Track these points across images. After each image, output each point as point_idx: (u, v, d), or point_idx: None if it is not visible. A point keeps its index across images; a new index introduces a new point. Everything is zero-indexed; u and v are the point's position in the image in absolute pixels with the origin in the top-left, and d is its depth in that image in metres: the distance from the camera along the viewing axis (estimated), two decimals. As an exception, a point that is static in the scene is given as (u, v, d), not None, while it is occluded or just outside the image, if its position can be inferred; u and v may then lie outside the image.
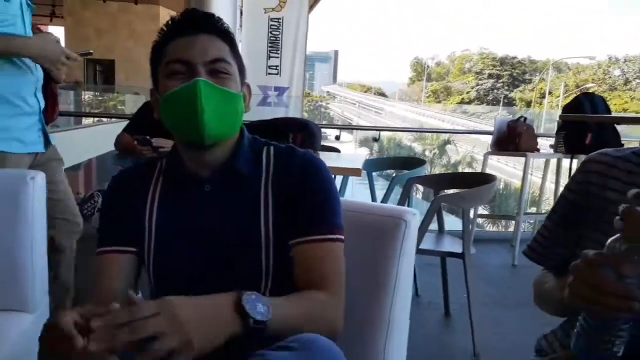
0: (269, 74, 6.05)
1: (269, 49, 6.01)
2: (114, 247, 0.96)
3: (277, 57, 6.06)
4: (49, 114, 1.89)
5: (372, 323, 1.07)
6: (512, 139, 3.69)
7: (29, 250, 1.36)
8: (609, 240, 0.66)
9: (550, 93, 47.45)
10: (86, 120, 8.38)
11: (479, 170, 5.00)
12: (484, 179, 2.23)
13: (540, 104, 45.81)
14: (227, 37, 0.93)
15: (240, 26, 5.85)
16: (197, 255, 0.92)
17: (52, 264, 1.62)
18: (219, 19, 0.94)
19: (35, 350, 0.75)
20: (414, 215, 1.10)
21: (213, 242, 0.91)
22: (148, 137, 2.43)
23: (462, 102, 53.42)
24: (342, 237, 0.93)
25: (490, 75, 55.23)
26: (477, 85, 55.31)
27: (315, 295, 0.86)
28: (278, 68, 6.09)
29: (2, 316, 1.32)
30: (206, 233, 0.92)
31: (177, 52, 0.89)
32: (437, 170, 12.39)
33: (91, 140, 7.50)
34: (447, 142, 13.46)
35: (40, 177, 1.40)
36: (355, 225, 1.10)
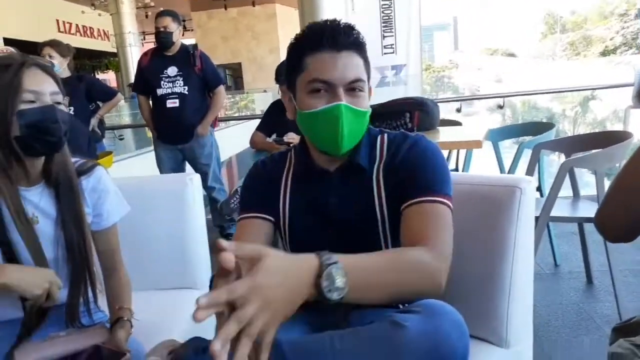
0: (385, 53, 6.08)
1: (383, 28, 6.03)
2: (256, 214, 1.07)
3: (392, 36, 6.05)
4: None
5: (493, 291, 1.12)
6: (659, 89, 3.33)
7: (196, 237, 1.63)
8: None
9: None
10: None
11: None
12: (618, 137, 2.08)
13: None
14: (362, 50, 0.99)
15: (353, 9, 5.96)
16: (323, 233, 1.03)
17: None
18: (357, 32, 0.98)
19: (212, 323, 0.81)
20: (529, 182, 1.13)
21: (336, 223, 1.03)
22: (284, 138, 2.74)
23: (605, 50, 47.42)
24: (450, 204, 0.95)
25: (638, 15, 48.09)
26: (623, 29, 48.57)
27: (411, 251, 0.86)
28: (393, 47, 6.08)
29: (178, 294, 1.59)
30: (330, 215, 1.03)
31: (319, 70, 0.95)
32: (582, 129, 11.30)
33: (230, 140, 8.20)
34: (591, 97, 12.17)
35: (196, 178, 1.68)
36: (472, 197, 1.17)
